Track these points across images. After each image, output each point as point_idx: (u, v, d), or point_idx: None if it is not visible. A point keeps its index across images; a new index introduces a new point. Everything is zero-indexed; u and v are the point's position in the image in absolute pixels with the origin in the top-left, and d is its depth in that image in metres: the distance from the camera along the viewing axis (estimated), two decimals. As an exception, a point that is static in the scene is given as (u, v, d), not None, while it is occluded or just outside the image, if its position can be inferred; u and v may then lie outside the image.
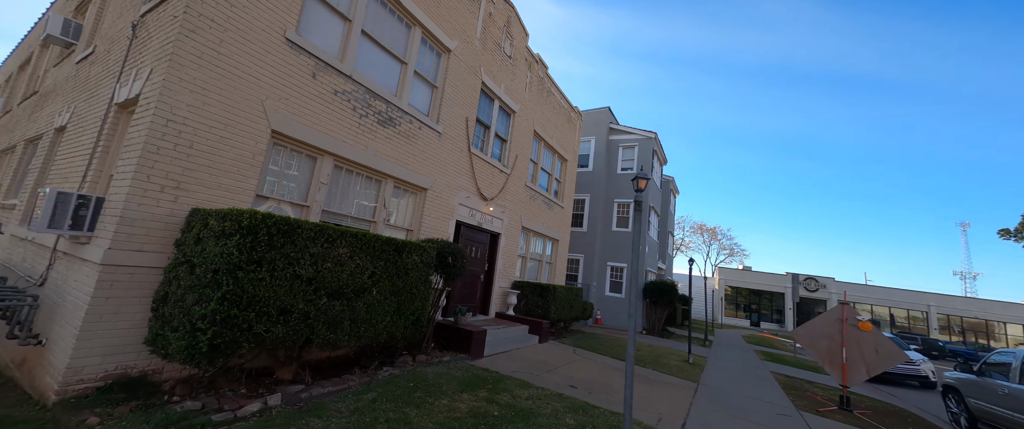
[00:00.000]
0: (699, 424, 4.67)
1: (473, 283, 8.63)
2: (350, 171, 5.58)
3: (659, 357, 9.10)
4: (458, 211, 7.83)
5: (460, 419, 3.51)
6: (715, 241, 47.27)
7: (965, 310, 30.57)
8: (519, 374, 5.54)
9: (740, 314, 35.38)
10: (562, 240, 13.04)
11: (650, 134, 17.49)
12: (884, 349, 6.52)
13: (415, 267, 4.84)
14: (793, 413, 5.85)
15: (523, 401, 4.28)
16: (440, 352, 6.01)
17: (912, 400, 9.57)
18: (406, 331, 4.78)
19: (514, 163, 9.84)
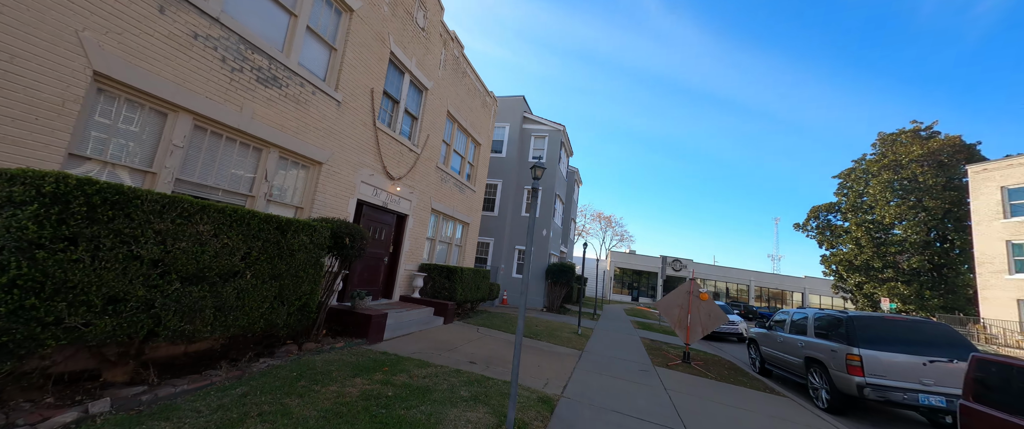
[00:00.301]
0: (579, 383, 5.40)
1: (376, 266, 8.21)
2: (218, 135, 4.70)
3: (554, 331, 10.08)
4: (360, 189, 7.29)
5: (350, 403, 3.39)
6: (610, 228, 53.50)
7: (771, 283, 40.94)
8: (419, 355, 5.55)
9: (625, 291, 41.11)
10: (473, 223, 13.20)
11: (559, 126, 18.67)
12: (714, 314, 8.41)
13: (303, 248, 4.39)
14: (650, 368, 7.17)
15: (420, 380, 4.34)
16: (333, 339, 5.63)
17: (731, 352, 12.59)
18: (291, 318, 4.34)
19: (425, 143, 9.51)
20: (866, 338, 6.00)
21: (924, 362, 5.64)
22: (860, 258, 25.27)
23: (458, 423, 3.29)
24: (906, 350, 5.79)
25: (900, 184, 24.39)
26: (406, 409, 3.42)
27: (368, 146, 7.38)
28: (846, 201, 28.01)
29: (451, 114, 10.88)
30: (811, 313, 7.54)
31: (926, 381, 5.56)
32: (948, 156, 23.55)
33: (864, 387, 5.70)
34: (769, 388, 7.14)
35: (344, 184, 6.80)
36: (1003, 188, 18.30)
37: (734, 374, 7.99)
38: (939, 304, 22.14)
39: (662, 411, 4.75)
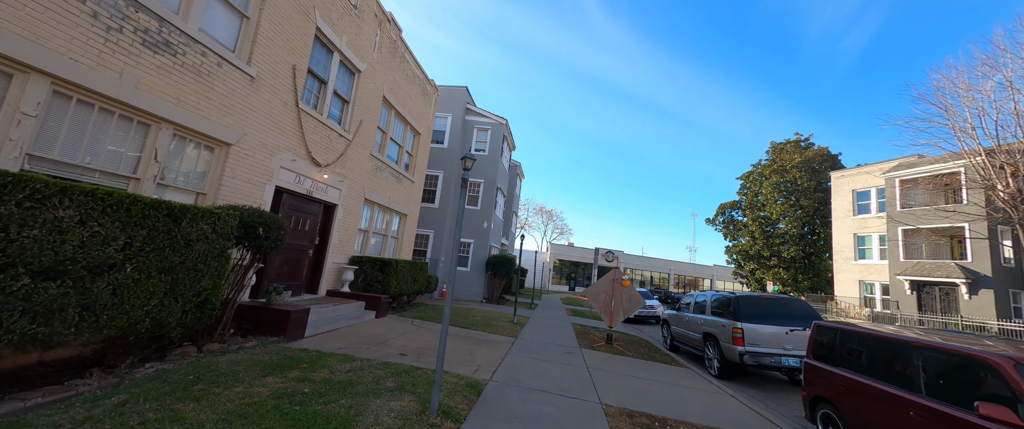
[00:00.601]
0: (508, 367, 5.65)
1: (299, 259, 7.61)
2: (89, 105, 3.96)
3: (491, 320, 10.30)
4: (279, 176, 6.67)
5: (258, 403, 3.17)
6: (551, 222, 55.60)
7: (688, 272, 46.20)
8: (345, 350, 5.32)
9: (563, 282, 43.22)
10: (411, 215, 12.83)
11: (502, 120, 18.84)
12: (634, 298, 9.33)
13: (203, 238, 3.93)
14: (576, 350, 7.75)
15: (343, 374, 4.18)
16: (243, 338, 5.13)
17: (649, 333, 14.04)
18: (186, 317, 3.87)
19: (358, 129, 8.97)
20: (747, 314, 7.15)
21: (786, 331, 6.91)
22: (754, 248, 29.68)
23: (380, 413, 3.27)
24: (774, 322, 7.03)
25: (785, 186, 29.04)
26: (324, 404, 3.30)
27: (289, 128, 6.76)
28: (746, 199, 32.58)
29: (388, 100, 10.39)
30: (709, 295, 8.73)
31: (787, 346, 6.83)
32: (819, 164, 28.60)
33: (744, 354, 6.81)
34: (675, 361, 8.15)
35: (259, 169, 6.17)
36: (853, 191, 22.81)
37: (649, 351, 8.96)
38: (808, 285, 26.99)
39: (581, 386, 5.19)
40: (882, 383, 3.76)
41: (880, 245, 20.97)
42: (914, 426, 3.31)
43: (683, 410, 4.77)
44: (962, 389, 3.10)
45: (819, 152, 28.94)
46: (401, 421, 3.15)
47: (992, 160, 14.38)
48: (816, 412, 4.57)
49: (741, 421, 4.65)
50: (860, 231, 22.05)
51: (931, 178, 18.79)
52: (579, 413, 4.11)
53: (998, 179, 14.22)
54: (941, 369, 3.35)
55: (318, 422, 2.95)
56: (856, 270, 21.69)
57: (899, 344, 3.76)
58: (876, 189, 21.63)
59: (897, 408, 3.49)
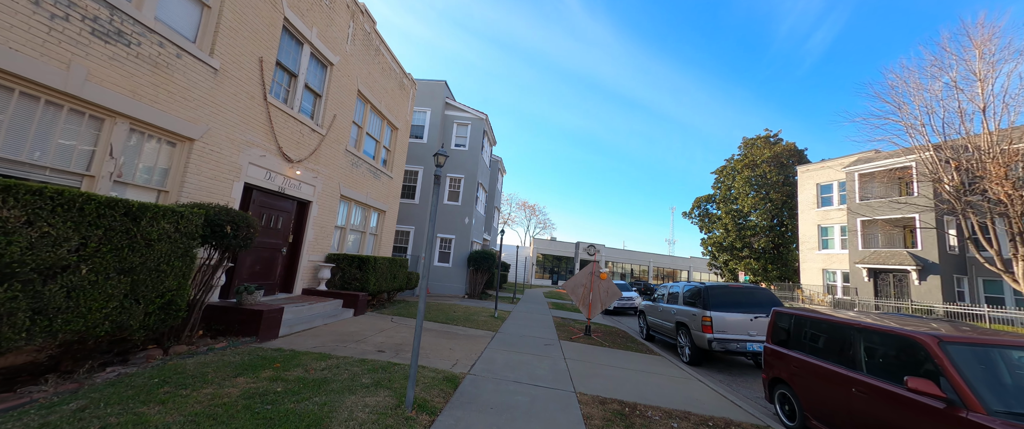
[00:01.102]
0: (486, 361, 5.74)
1: (272, 258, 7.42)
2: (33, 98, 3.73)
3: (472, 315, 10.37)
4: (248, 172, 6.47)
5: (228, 404, 3.12)
6: (534, 217, 55.95)
7: (666, 264, 47.61)
8: (320, 349, 5.27)
9: (546, 276, 43.71)
10: (390, 211, 12.67)
11: (482, 115, 18.76)
12: (611, 290, 9.60)
13: (165, 238, 3.80)
14: (555, 342, 7.93)
15: (318, 372, 4.16)
16: (213, 339, 5.00)
17: (627, 324, 14.47)
18: (150, 319, 3.75)
19: (331, 123, 8.76)
20: (715, 303, 7.51)
21: (751, 318, 7.30)
22: (727, 240, 30.90)
23: (355, 409, 3.29)
24: (740, 310, 7.41)
25: (755, 180, 30.28)
26: (297, 402, 3.28)
27: (258, 123, 6.55)
28: (719, 193, 33.78)
29: (363, 94, 10.17)
30: (682, 286, 9.09)
31: (752, 333, 7.23)
32: (787, 158, 29.95)
33: (712, 341, 7.15)
34: (649, 350, 8.47)
35: (226, 165, 5.96)
36: (817, 184, 24.05)
37: (625, 342, 9.26)
38: (777, 275, 28.38)
39: (557, 377, 5.34)
40: (830, 363, 4.06)
41: (841, 235, 22.26)
42: (855, 401, 3.61)
43: (653, 395, 5.00)
44: (896, 366, 3.41)
45: (787, 147, 30.29)
46: (376, 416, 3.19)
47: (939, 155, 15.48)
48: (774, 392, 4.89)
49: (705, 403, 4.92)
50: (823, 222, 23.31)
51: (886, 172, 20.04)
52: (553, 402, 4.25)
53: (944, 173, 15.35)
54: (879, 349, 3.66)
55: (290, 420, 2.94)
56: (820, 259, 22.96)
57: (844, 327, 4.07)
58: (838, 183, 22.89)
59: (842, 385, 3.79)
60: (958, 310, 15.63)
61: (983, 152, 13.32)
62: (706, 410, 4.61)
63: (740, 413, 4.68)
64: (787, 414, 4.63)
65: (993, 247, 13.04)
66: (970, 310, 15.31)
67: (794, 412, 4.50)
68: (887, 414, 3.27)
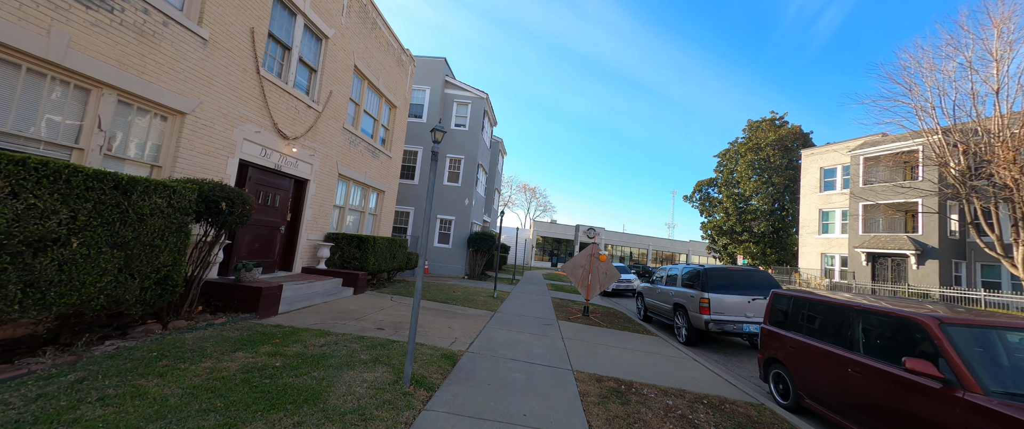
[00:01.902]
0: (485, 339, 5.79)
1: (270, 235, 7.39)
2: (14, 65, 3.58)
3: (471, 295, 10.45)
4: (243, 148, 6.34)
5: (226, 377, 3.14)
6: (534, 199, 55.84)
7: (665, 247, 47.84)
8: (319, 325, 5.31)
9: (545, 258, 44.03)
10: (389, 191, 12.57)
11: (482, 94, 18.35)
12: (610, 272, 9.63)
13: (158, 213, 3.73)
14: (553, 322, 8.01)
15: (317, 348, 4.19)
16: (212, 315, 5.02)
17: (625, 305, 14.63)
18: (147, 294, 3.73)
19: (327, 100, 8.55)
20: (713, 285, 7.52)
21: (748, 300, 7.33)
22: (727, 224, 30.89)
23: (353, 384, 3.31)
24: (738, 292, 7.43)
25: (759, 163, 29.96)
26: (295, 377, 3.31)
27: (251, 98, 6.36)
28: (722, 177, 33.51)
29: (360, 70, 9.88)
30: (680, 268, 9.09)
31: (749, 314, 7.27)
32: (791, 142, 29.52)
33: (709, 322, 7.21)
34: (647, 331, 8.56)
35: (220, 141, 5.83)
36: (821, 168, 23.80)
37: (623, 322, 9.36)
38: (775, 259, 28.52)
39: (555, 355, 5.39)
40: (826, 344, 4.07)
41: (842, 220, 22.20)
42: (851, 381, 3.63)
43: (649, 374, 5.06)
44: (894, 347, 3.40)
45: (792, 130, 29.80)
46: (374, 391, 3.21)
47: (948, 139, 15.22)
48: (769, 372, 4.94)
49: (700, 381, 4.98)
50: (825, 207, 23.21)
51: (892, 156, 19.77)
52: (550, 379, 4.29)
53: (950, 157, 15.12)
54: (876, 330, 3.65)
55: (288, 394, 2.96)
56: (819, 244, 23.00)
57: (842, 308, 4.05)
58: (842, 166, 22.63)
59: (838, 366, 3.81)
60: (954, 294, 15.76)
61: (993, 135, 13.07)
62: (701, 388, 4.67)
63: (734, 391, 4.75)
64: (781, 393, 4.69)
65: (994, 232, 13.00)
66: (966, 294, 15.44)
67: (788, 391, 4.56)
68: (882, 394, 3.29)
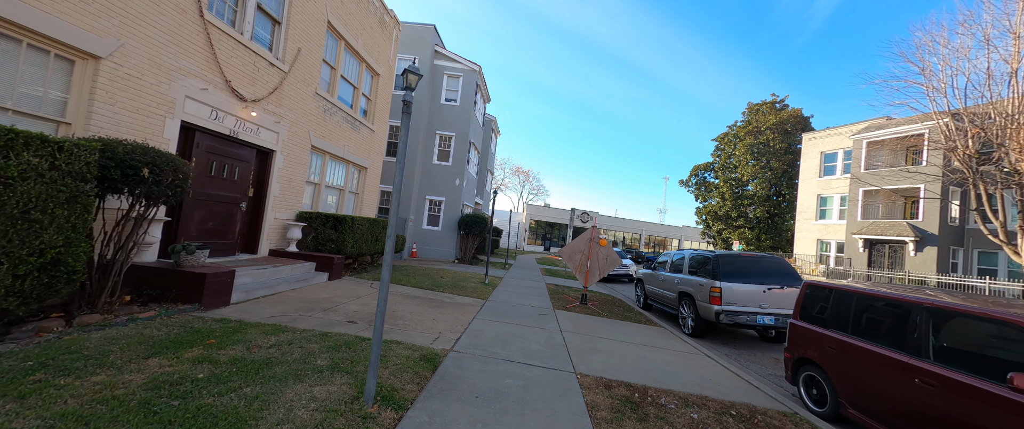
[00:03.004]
0: (474, 334, 5.06)
1: (228, 213, 6.44)
2: None
3: (461, 281, 9.70)
4: (186, 108, 5.31)
5: (119, 397, 2.32)
6: (528, 182, 54.88)
7: (658, 232, 47.68)
8: (277, 319, 4.49)
9: (538, 242, 43.50)
10: (372, 168, 11.56)
11: (475, 66, 17.11)
12: (610, 258, 8.93)
13: (34, 176, 2.80)
14: (549, 312, 7.32)
15: (263, 351, 3.38)
16: (142, 307, 4.15)
17: (622, 291, 14.09)
18: (24, 283, 2.84)
19: (295, 59, 7.44)
20: (726, 273, 6.86)
21: (763, 290, 6.70)
22: (723, 209, 30.52)
23: (296, 404, 2.52)
24: (752, 281, 6.79)
25: (758, 148, 29.36)
26: (218, 395, 2.50)
27: (194, 47, 5.29)
28: (719, 161, 32.91)
29: (335, 28, 8.70)
30: (687, 254, 8.42)
31: (764, 305, 6.65)
32: (791, 125, 28.89)
33: (720, 313, 6.58)
34: (648, 320, 7.95)
35: (152, 97, 4.80)
36: (822, 153, 23.28)
37: (623, 311, 8.73)
38: (770, 245, 28.37)
39: (554, 353, 4.69)
40: (882, 347, 3.40)
41: (840, 205, 21.86)
42: (917, 393, 2.98)
43: (662, 375, 4.39)
44: (985, 356, 2.72)
45: (792, 114, 29.12)
46: (322, 415, 2.43)
47: (958, 122, 14.66)
48: (799, 374, 4.31)
49: (720, 384, 4.34)
50: (824, 192, 22.82)
51: (896, 141, 19.25)
52: (551, 386, 3.57)
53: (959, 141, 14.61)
54: (956, 333, 2.97)
55: (198, 423, 2.16)
56: (816, 230, 22.73)
57: (907, 305, 3.36)
58: (843, 151, 22.11)
59: (899, 374, 3.15)
60: (951, 281, 15.59)
61: (1007, 118, 12.50)
62: (724, 394, 4.02)
63: (761, 397, 4.11)
64: (814, 399, 4.07)
65: (999, 219, 12.63)
66: (964, 281, 15.26)
67: (824, 397, 3.94)
68: (968, 413, 2.63)
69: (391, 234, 2.77)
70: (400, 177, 2.78)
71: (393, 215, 2.81)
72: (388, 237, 2.75)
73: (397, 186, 2.80)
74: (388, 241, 2.77)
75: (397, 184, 2.80)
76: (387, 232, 3.39)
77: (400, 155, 2.79)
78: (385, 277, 2.75)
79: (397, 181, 2.78)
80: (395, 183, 2.78)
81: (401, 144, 2.82)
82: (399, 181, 2.78)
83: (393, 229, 2.79)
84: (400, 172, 2.78)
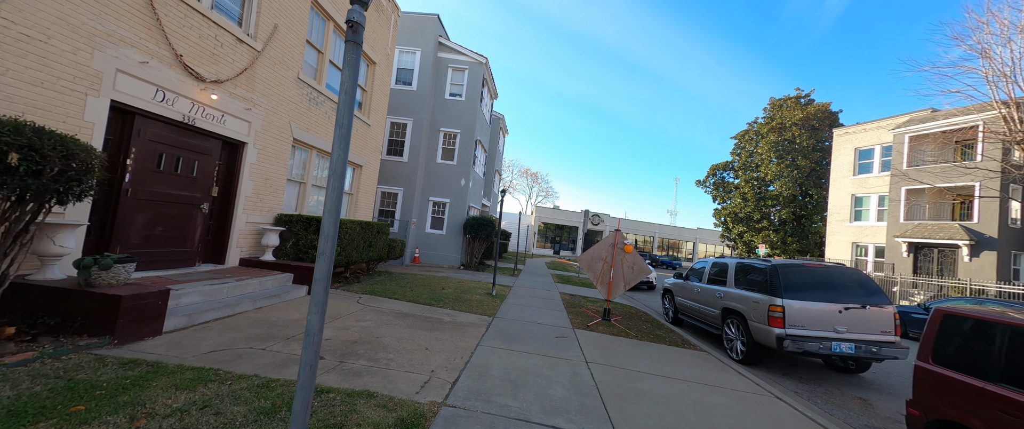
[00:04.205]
0: (477, 371, 3.88)
1: (185, 216, 5.39)
2: None
3: (465, 293, 8.54)
4: (121, 84, 4.27)
5: None
6: (536, 184, 53.68)
7: (671, 235, 45.93)
8: (215, 357, 3.37)
9: (548, 245, 42.21)
10: (368, 166, 10.52)
11: (482, 59, 16.02)
12: (638, 266, 7.67)
13: None
14: (569, 333, 6.09)
15: (154, 424, 2.24)
16: (29, 343, 3.07)
17: (642, 300, 12.78)
18: None
19: (271, 36, 6.40)
20: (789, 287, 5.54)
21: (839, 309, 5.37)
22: (744, 210, 28.81)
23: None
24: (824, 298, 5.46)
25: (782, 145, 27.63)
26: None
27: (128, 7, 4.25)
28: (739, 160, 31.22)
29: (321, 5, 7.67)
30: (730, 262, 7.11)
31: (840, 329, 5.32)
32: (818, 121, 27.12)
33: (784, 339, 5.27)
34: (686, 342, 6.66)
35: (67, 67, 3.76)
36: (856, 149, 21.57)
37: (652, 328, 7.47)
38: (797, 248, 26.57)
39: (584, 402, 3.47)
40: None
41: (879, 206, 20.12)
42: None
43: (739, 439, 3.14)
44: None
45: (820, 108, 27.36)
46: None
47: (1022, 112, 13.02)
48: (938, 441, 3.02)
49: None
50: (859, 192, 21.09)
51: (941, 135, 17.55)
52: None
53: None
54: None
55: None
56: (850, 232, 21.00)
57: None
58: (881, 147, 20.38)
59: None
60: (1015, 291, 13.84)
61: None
62: (839, 476, 2.75)
63: (891, 478, 2.83)
64: (975, 485, 2.77)
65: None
66: (1032, 291, 13.51)
67: (993, 485, 2.64)
68: None
69: (327, 234, 1.62)
70: (338, 147, 1.62)
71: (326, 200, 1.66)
72: (323, 236, 1.60)
73: (336, 163, 1.64)
74: (323, 239, 1.61)
75: (336, 161, 1.64)
76: (322, 233, 2.16)
77: (340, 107, 1.64)
78: (312, 326, 1.59)
79: (336, 158, 1.62)
80: (332, 159, 1.63)
81: (341, 110, 1.67)
82: (338, 158, 1.62)
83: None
84: (338, 141, 1.62)
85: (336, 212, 1.65)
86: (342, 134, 1.64)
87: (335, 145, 1.64)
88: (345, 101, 1.65)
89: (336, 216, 1.66)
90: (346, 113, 1.65)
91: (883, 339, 5.30)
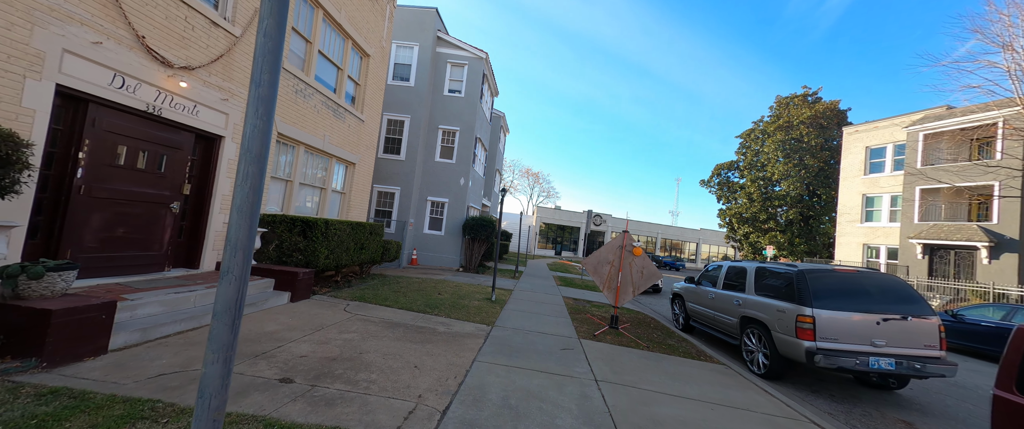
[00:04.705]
0: (471, 394, 3.36)
1: (151, 216, 4.89)
2: None
3: (462, 298, 8.02)
4: (68, 67, 3.77)
5: None
6: (537, 185, 53.18)
7: (673, 235, 45.33)
8: (162, 382, 2.86)
9: (549, 246, 41.67)
10: (362, 164, 10.02)
11: (481, 54, 15.51)
12: (648, 270, 7.14)
13: None
14: (575, 344, 5.56)
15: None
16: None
17: (649, 304, 12.23)
18: None
19: (251, 20, 5.91)
20: (820, 295, 5.00)
21: (877, 320, 4.83)
22: (750, 211, 28.21)
23: None
24: (859, 308, 4.92)
25: (789, 144, 27.03)
26: None
27: (73, -21, 3.74)
28: (744, 159, 30.62)
29: (307, -10, 7.17)
30: (749, 266, 6.57)
31: (878, 342, 4.77)
32: (826, 120, 26.51)
33: (815, 353, 4.72)
34: (702, 353, 6.12)
35: (2, 45, 3.26)
36: (867, 148, 20.97)
37: (663, 337, 6.94)
38: (804, 250, 25.96)
39: (597, 436, 2.94)
40: None
41: (891, 206, 19.51)
42: None
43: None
44: None
45: (829, 106, 26.74)
46: None
47: (1048, 108, 12.45)
48: (1031, 491, 2.47)
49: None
50: (870, 192, 20.49)
51: (958, 132, 16.94)
52: None
53: (1050, 129, 12.40)
54: None
55: None
56: (861, 233, 20.39)
57: None
58: (894, 145, 19.78)
59: None
60: (1038, 295, 13.23)
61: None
62: None
63: None
64: None
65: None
66: (1058, 296, 12.90)
67: None
68: None
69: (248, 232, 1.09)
70: (257, 119, 1.11)
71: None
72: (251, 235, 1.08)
73: (251, 138, 1.12)
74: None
75: (250, 135, 1.12)
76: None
77: (257, 56, 1.12)
78: (208, 382, 1.07)
79: (250, 129, 1.11)
80: (244, 131, 1.11)
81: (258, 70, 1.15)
82: (254, 129, 1.11)
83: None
84: (254, 104, 1.11)
85: (249, 212, 1.14)
86: (260, 95, 1.12)
87: (249, 112, 1.13)
88: (266, 46, 1.13)
89: (251, 218, 1.14)
90: (266, 66, 1.13)
91: (927, 354, 4.75)
